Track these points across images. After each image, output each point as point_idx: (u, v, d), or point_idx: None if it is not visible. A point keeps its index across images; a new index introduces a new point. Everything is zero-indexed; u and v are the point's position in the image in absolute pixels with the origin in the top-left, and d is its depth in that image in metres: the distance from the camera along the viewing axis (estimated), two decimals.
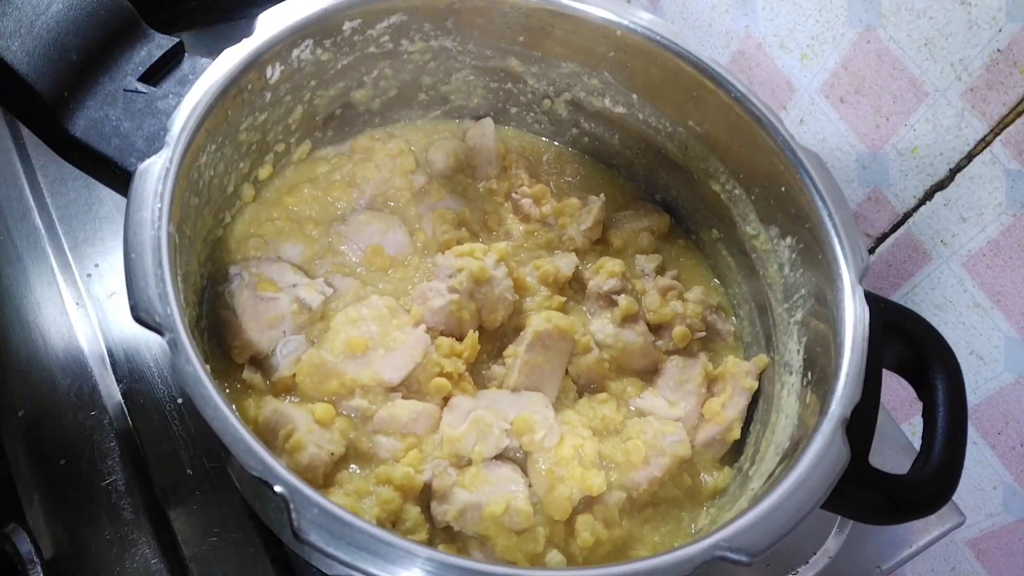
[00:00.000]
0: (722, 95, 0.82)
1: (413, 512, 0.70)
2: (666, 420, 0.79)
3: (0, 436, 0.85)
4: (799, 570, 0.82)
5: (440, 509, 0.70)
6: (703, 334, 0.86)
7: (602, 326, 0.84)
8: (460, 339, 0.79)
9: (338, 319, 0.76)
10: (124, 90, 0.70)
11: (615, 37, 0.85)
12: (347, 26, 0.81)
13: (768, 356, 0.84)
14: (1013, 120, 0.82)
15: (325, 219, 0.86)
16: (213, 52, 0.72)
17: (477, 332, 0.79)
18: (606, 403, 0.79)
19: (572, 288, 0.88)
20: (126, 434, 0.79)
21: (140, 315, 0.58)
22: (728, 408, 0.81)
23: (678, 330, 0.84)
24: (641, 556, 0.67)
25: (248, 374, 0.74)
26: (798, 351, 0.79)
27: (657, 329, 0.86)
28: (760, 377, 0.83)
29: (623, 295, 0.84)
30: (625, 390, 0.82)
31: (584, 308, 0.87)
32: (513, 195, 0.92)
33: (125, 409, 0.80)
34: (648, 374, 0.84)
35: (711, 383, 0.84)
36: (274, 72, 0.77)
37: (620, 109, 0.92)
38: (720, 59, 1.09)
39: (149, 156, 0.65)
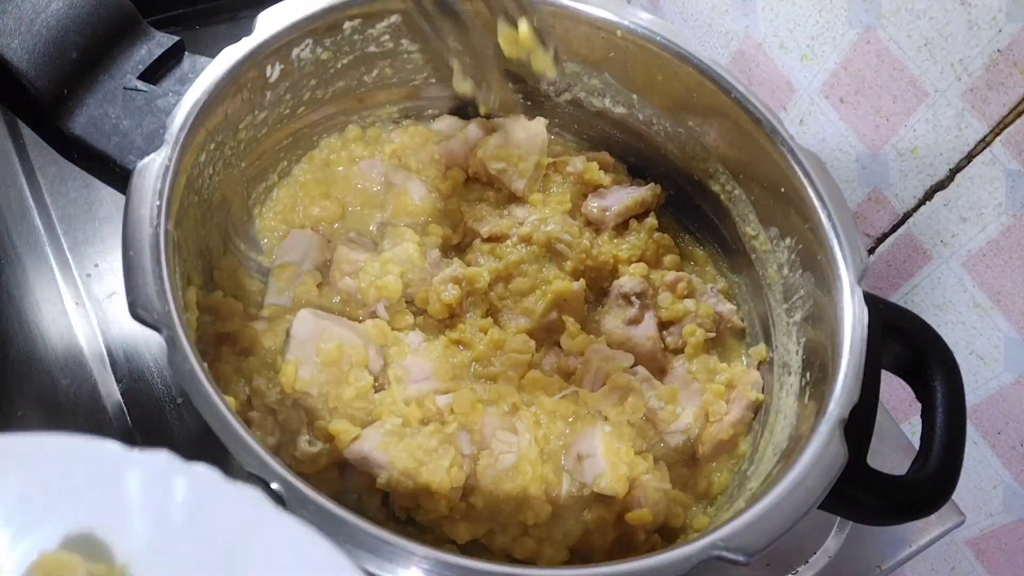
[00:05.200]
0: (722, 96, 0.82)
1: (374, 503, 0.71)
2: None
3: None
4: (799, 570, 0.82)
5: None
6: (713, 335, 0.86)
7: (615, 325, 0.84)
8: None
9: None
10: (124, 88, 0.70)
11: (615, 37, 0.85)
12: (347, 25, 0.81)
13: (767, 355, 0.84)
14: (1013, 120, 0.81)
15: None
16: (213, 51, 0.73)
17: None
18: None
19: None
20: (125, 434, 0.79)
21: (138, 312, 0.58)
22: (731, 414, 0.81)
23: (688, 327, 0.84)
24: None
25: None
26: (797, 352, 0.79)
27: (668, 325, 0.86)
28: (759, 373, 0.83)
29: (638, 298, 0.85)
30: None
31: (602, 307, 0.87)
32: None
33: (124, 409, 0.80)
34: (655, 374, 0.84)
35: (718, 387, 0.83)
36: (273, 71, 0.77)
37: (620, 109, 0.92)
38: (720, 59, 1.09)
39: (148, 154, 0.65)
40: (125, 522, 0.45)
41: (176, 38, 0.74)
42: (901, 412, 1.04)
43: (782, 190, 0.80)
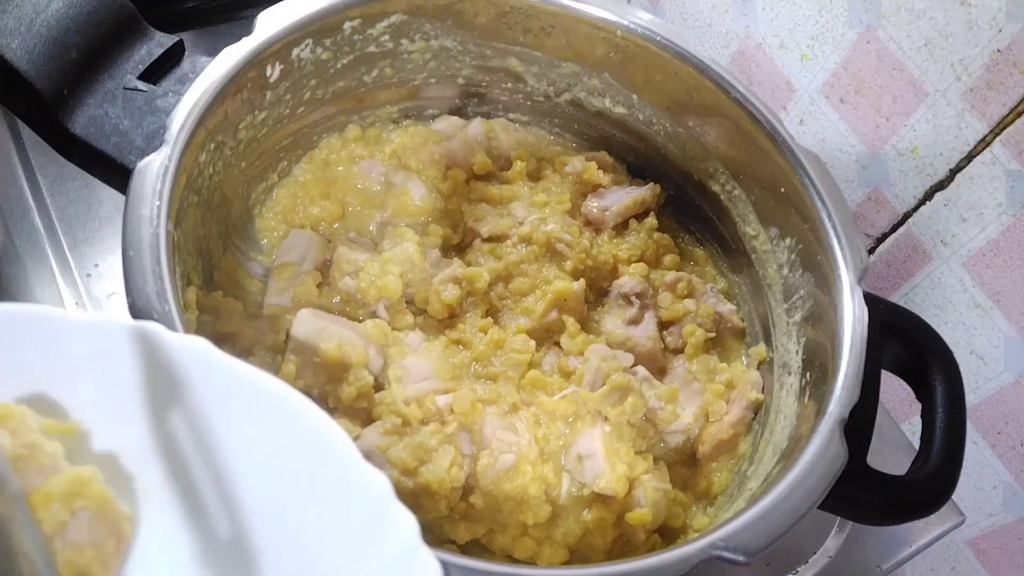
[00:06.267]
0: (722, 96, 0.82)
1: None
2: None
3: None
4: (799, 570, 0.82)
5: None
6: (713, 335, 0.86)
7: (615, 326, 0.84)
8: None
9: None
10: (124, 88, 0.70)
11: (615, 37, 0.85)
12: (347, 25, 0.81)
13: (767, 355, 0.84)
14: (1013, 120, 0.81)
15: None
16: (213, 51, 0.72)
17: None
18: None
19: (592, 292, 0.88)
20: None
21: (138, 312, 0.58)
22: (731, 414, 0.81)
23: (688, 327, 0.84)
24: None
25: None
26: (797, 352, 0.79)
27: (668, 325, 0.86)
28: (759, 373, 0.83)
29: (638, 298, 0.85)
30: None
31: (602, 307, 0.87)
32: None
33: None
34: (655, 374, 0.84)
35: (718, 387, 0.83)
36: (274, 71, 0.77)
37: (620, 109, 0.92)
38: (720, 59, 1.09)
39: (148, 154, 0.65)
40: (73, 381, 0.45)
41: (176, 38, 0.74)
42: (901, 412, 1.04)
43: (782, 190, 0.80)
